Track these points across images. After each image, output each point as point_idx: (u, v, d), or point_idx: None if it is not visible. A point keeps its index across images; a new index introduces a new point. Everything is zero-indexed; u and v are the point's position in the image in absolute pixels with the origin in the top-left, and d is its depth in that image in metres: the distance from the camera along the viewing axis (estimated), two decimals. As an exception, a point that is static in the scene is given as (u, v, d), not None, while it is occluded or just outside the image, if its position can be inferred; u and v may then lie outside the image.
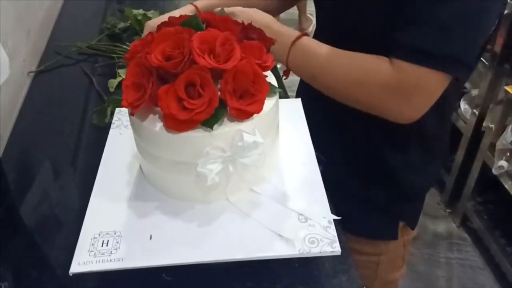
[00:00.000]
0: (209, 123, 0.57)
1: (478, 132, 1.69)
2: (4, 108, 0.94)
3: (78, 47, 1.16)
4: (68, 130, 0.91)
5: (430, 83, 0.67)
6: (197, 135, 0.57)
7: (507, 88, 1.49)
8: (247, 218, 0.64)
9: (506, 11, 1.45)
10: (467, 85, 1.85)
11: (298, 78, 0.94)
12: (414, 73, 0.66)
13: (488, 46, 1.55)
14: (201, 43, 0.57)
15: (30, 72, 1.09)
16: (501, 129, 1.56)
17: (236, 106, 0.57)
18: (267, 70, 0.63)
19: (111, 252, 0.61)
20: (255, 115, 0.59)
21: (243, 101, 0.58)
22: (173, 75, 0.57)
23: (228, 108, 0.58)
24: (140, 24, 1.21)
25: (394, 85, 0.68)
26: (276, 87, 0.65)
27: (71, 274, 0.60)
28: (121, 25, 1.23)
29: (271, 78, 0.67)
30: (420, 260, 1.77)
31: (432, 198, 2.00)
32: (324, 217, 0.63)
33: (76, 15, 1.40)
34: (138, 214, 0.66)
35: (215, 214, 0.65)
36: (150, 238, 0.62)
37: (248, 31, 0.65)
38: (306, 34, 0.76)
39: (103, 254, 0.61)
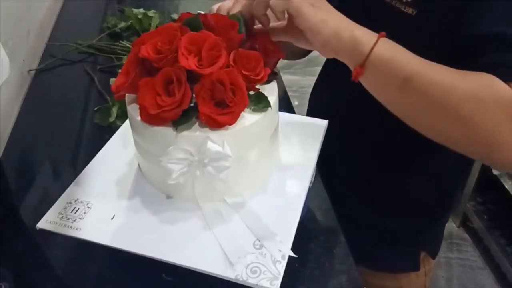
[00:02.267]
0: (176, 123, 0.57)
1: (478, 132, 1.68)
2: (4, 108, 0.94)
3: (78, 44, 1.16)
4: (69, 129, 0.91)
5: None
6: (165, 132, 0.57)
7: (507, 88, 1.49)
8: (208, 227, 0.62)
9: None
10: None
11: (298, 78, 0.93)
12: None
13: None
14: (190, 44, 0.57)
15: (30, 70, 1.09)
16: (501, 129, 1.56)
17: (207, 113, 0.56)
18: (258, 83, 0.60)
19: (74, 220, 0.62)
20: (229, 126, 0.57)
21: (217, 109, 0.57)
22: (156, 70, 0.58)
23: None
24: (140, 23, 1.21)
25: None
26: (268, 104, 0.60)
27: (37, 228, 0.62)
28: (122, 24, 1.23)
29: (270, 93, 0.62)
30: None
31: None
32: (280, 250, 0.57)
33: (76, 15, 1.40)
34: (118, 194, 0.66)
35: (186, 213, 0.63)
36: (112, 218, 0.62)
37: (255, 41, 0.63)
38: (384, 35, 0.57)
39: (68, 219, 0.62)
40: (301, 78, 2.51)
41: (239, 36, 0.60)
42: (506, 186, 1.57)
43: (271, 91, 0.63)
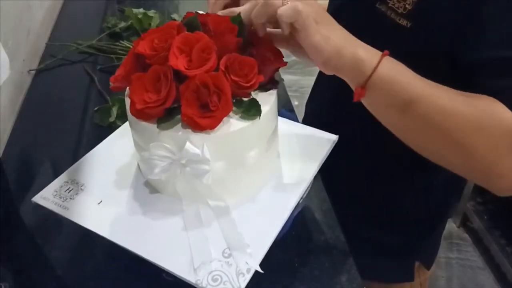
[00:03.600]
0: (160, 121, 0.57)
1: (478, 132, 1.68)
2: (4, 108, 0.94)
3: (78, 44, 1.16)
4: (69, 129, 0.91)
5: None
6: (149, 128, 0.58)
7: (507, 88, 1.49)
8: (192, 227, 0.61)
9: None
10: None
11: (298, 78, 0.93)
12: None
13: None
14: (183, 44, 0.57)
15: (30, 70, 1.09)
16: (501, 129, 1.56)
17: (189, 114, 0.55)
18: (248, 90, 0.59)
19: (65, 199, 0.64)
20: (211, 130, 0.56)
21: (200, 112, 0.56)
22: (150, 66, 0.58)
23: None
24: (140, 23, 1.21)
25: None
26: (258, 113, 0.58)
27: (32, 202, 0.64)
28: (122, 24, 1.23)
29: (265, 102, 0.60)
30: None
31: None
32: (246, 263, 0.56)
33: (76, 15, 1.40)
34: (113, 182, 0.67)
35: (172, 210, 0.63)
36: (99, 203, 0.63)
37: (253, 47, 0.61)
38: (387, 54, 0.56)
39: (60, 197, 0.64)
40: (301, 78, 2.51)
41: (236, 40, 0.59)
42: (506, 186, 1.57)
43: (266, 100, 0.61)
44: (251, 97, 0.60)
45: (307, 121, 0.89)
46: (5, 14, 0.98)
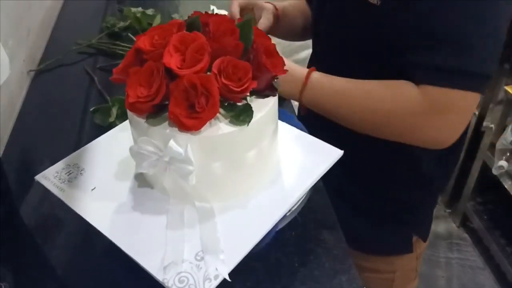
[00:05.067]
0: (149, 116, 0.58)
1: (478, 132, 1.69)
2: (4, 108, 0.94)
3: (78, 44, 1.16)
4: (69, 129, 0.91)
5: (461, 103, 0.65)
6: (140, 122, 0.58)
7: (507, 88, 1.49)
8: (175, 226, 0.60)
9: (506, 11, 1.44)
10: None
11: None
12: (445, 96, 0.64)
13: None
14: (179, 42, 0.57)
15: (30, 70, 1.09)
16: (501, 129, 1.56)
17: (175, 113, 0.55)
18: (239, 95, 0.57)
19: (64, 181, 0.65)
20: (196, 131, 0.56)
21: (187, 112, 0.56)
22: (146, 61, 0.58)
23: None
24: (139, 22, 1.21)
25: (425, 111, 0.66)
26: (248, 119, 0.57)
27: (35, 180, 0.65)
28: (121, 24, 1.23)
29: (259, 109, 0.59)
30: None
31: (432, 198, 2.01)
32: (216, 269, 0.54)
33: (76, 15, 1.40)
34: (113, 172, 0.67)
35: (161, 207, 0.62)
36: (92, 189, 0.64)
37: (252, 52, 0.60)
38: (314, 69, 0.74)
39: (59, 179, 0.65)
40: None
41: (235, 43, 0.58)
42: (506, 186, 1.56)
43: (260, 107, 0.59)
44: (245, 102, 0.59)
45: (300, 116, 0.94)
46: (5, 14, 0.98)
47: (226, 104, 0.58)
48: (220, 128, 0.57)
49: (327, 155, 0.69)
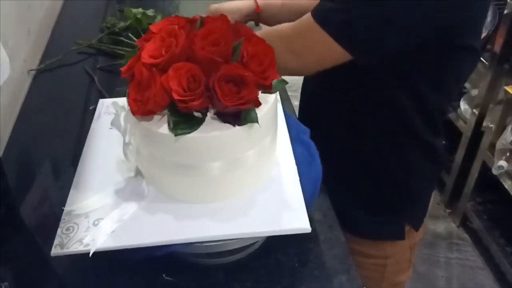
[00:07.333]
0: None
1: (478, 132, 1.69)
2: (4, 108, 0.94)
3: (78, 44, 1.16)
4: (69, 129, 0.91)
5: (320, 42, 0.70)
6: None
7: (507, 88, 1.49)
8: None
9: (506, 11, 1.45)
10: (466, 85, 1.85)
11: (299, 78, 0.94)
12: (311, 27, 0.70)
13: (488, 46, 1.55)
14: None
15: (30, 70, 1.09)
16: (501, 129, 1.56)
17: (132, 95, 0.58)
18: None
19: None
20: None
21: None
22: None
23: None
24: (140, 23, 1.21)
25: (289, 34, 0.74)
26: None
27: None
28: (121, 24, 1.23)
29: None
30: (420, 260, 1.77)
31: (432, 198, 2.01)
32: (93, 239, 0.58)
33: (76, 15, 1.40)
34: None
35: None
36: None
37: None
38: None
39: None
40: (301, 78, 2.49)
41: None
42: (506, 186, 1.57)
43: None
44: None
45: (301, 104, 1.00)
46: (5, 14, 0.98)
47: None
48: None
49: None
